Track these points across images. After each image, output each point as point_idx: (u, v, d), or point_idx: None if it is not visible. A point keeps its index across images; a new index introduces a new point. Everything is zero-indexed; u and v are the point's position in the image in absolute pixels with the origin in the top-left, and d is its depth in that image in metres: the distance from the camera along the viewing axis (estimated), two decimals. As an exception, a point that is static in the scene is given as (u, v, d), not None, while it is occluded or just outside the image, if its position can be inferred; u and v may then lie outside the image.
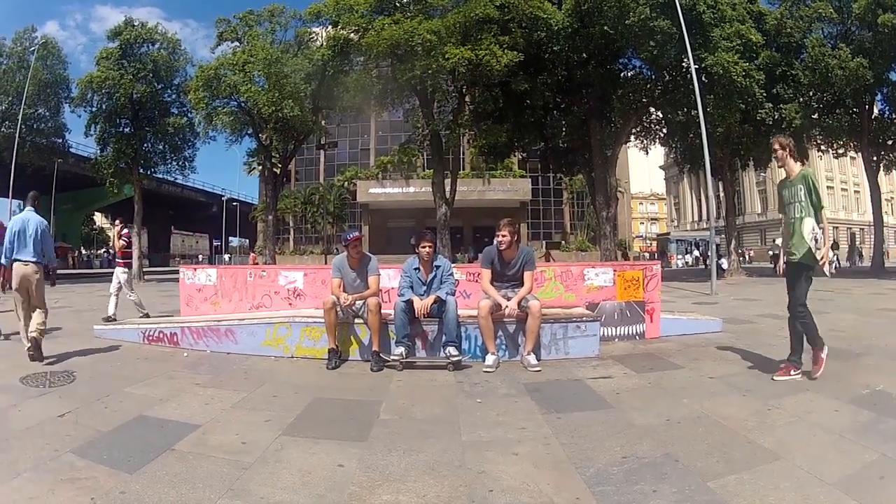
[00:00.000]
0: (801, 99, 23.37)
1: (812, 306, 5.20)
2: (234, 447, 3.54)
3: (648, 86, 23.91)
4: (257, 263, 36.83)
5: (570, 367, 5.72)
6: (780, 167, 5.44)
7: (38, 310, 6.19)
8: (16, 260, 6.14)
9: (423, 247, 6.16)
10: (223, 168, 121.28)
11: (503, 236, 6.12)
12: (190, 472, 3.11)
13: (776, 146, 5.33)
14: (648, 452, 3.36)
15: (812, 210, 5.05)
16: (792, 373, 5.03)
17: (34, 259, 6.19)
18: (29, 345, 6.03)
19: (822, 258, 4.98)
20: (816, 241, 4.97)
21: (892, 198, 58.68)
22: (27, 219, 6.30)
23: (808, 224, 5.05)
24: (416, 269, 6.23)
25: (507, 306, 5.84)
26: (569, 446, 3.51)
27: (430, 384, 5.25)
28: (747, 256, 51.06)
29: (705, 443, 3.50)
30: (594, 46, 21.72)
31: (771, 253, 38.71)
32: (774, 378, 5.01)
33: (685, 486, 2.88)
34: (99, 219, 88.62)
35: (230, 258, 64.38)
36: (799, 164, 5.29)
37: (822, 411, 4.06)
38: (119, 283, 10.03)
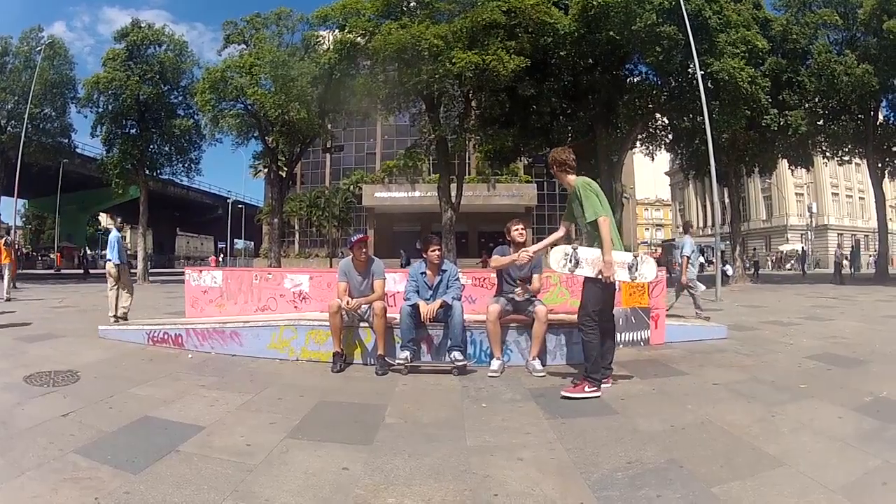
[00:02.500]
0: (807, 105, 23.36)
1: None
2: (238, 449, 3.54)
3: (654, 92, 23.91)
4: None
5: (575, 373, 5.72)
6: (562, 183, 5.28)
7: (125, 293, 9.30)
8: (107, 260, 9.54)
9: (432, 251, 6.17)
10: (229, 170, 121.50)
11: (524, 229, 6.17)
12: (195, 474, 3.12)
13: (549, 165, 5.26)
14: (653, 458, 3.36)
15: (589, 223, 4.89)
16: (608, 381, 4.98)
17: (112, 259, 9.44)
18: (118, 315, 9.04)
19: (597, 273, 4.78)
20: (576, 263, 4.90)
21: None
22: (111, 235, 9.68)
23: (556, 253, 4.99)
24: (422, 273, 6.23)
25: (524, 253, 5.69)
26: (573, 451, 3.50)
27: (435, 388, 5.25)
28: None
29: (709, 449, 3.50)
30: (600, 52, 21.74)
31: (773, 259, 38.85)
32: (567, 395, 4.76)
33: (689, 492, 2.87)
34: (104, 219, 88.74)
35: (234, 260, 64.60)
36: (574, 176, 5.14)
37: (825, 418, 4.05)
38: None
